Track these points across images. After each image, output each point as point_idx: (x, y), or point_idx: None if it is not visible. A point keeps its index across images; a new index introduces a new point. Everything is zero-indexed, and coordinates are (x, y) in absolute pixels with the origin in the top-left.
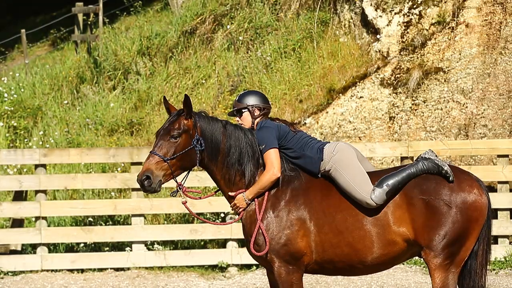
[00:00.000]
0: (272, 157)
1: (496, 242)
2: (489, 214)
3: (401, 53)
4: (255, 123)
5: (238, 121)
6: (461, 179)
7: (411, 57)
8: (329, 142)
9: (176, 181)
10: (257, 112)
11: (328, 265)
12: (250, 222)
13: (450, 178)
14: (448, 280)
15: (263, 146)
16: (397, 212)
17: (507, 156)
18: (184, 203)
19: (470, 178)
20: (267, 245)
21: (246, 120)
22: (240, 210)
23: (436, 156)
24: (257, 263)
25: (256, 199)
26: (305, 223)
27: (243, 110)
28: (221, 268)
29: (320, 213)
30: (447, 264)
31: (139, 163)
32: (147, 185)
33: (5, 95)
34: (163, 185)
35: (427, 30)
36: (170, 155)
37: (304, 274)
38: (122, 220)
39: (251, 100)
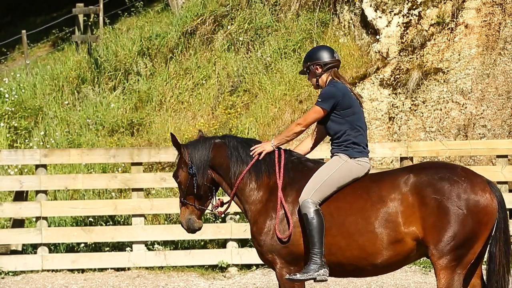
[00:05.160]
0: (311, 112)
1: None
2: (505, 215)
3: (401, 53)
4: (323, 81)
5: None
6: (474, 182)
7: (410, 58)
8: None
9: (212, 204)
10: (318, 70)
11: (337, 268)
12: (253, 223)
13: None
14: (453, 281)
15: (318, 99)
16: (408, 212)
17: (506, 156)
18: (219, 210)
19: (483, 181)
20: (290, 228)
21: (311, 79)
22: (263, 153)
23: None
24: (257, 263)
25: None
26: None
27: (307, 70)
28: (221, 268)
29: (327, 216)
30: (454, 266)
31: (139, 164)
32: (186, 230)
33: (6, 95)
34: (164, 187)
35: (426, 31)
36: (183, 195)
37: None
38: (122, 220)
39: (311, 58)
